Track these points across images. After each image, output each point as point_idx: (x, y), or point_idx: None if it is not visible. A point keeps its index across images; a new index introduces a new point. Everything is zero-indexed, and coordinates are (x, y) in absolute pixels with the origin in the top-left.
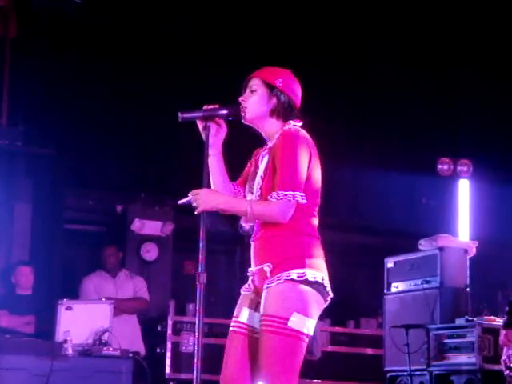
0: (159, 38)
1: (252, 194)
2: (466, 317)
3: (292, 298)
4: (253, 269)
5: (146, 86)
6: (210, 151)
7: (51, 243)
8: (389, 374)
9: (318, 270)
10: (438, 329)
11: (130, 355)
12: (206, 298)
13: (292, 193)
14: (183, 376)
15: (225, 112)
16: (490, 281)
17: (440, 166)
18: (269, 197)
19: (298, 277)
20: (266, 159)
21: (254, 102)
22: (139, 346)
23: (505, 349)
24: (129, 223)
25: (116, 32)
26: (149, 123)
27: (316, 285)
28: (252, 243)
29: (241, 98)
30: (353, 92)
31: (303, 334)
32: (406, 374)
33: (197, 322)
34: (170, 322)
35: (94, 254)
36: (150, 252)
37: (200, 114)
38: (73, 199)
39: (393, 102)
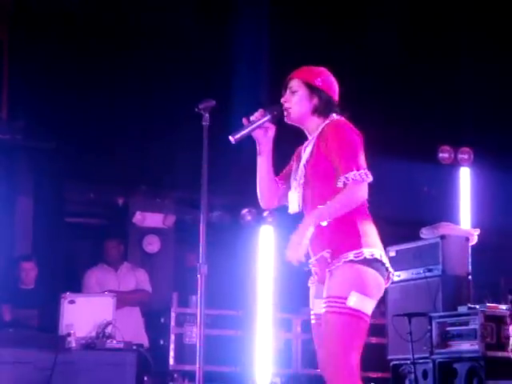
0: (161, 34)
1: (296, 181)
2: (469, 304)
3: (351, 279)
4: (312, 259)
5: (146, 80)
6: (261, 151)
7: (53, 237)
8: (392, 363)
9: (375, 247)
10: (441, 317)
11: (134, 347)
12: (209, 290)
13: (363, 171)
14: (187, 367)
15: (269, 118)
16: (492, 268)
17: (441, 155)
18: (339, 182)
19: (356, 257)
20: (308, 149)
21: (296, 103)
22: (142, 338)
23: None
24: (130, 216)
25: (116, 26)
26: (149, 116)
27: (374, 263)
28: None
29: (283, 100)
30: (351, 79)
31: (363, 313)
32: (409, 362)
33: (198, 313)
34: (173, 314)
35: (96, 247)
36: (151, 244)
37: (250, 130)
38: (74, 192)
39: (392, 89)
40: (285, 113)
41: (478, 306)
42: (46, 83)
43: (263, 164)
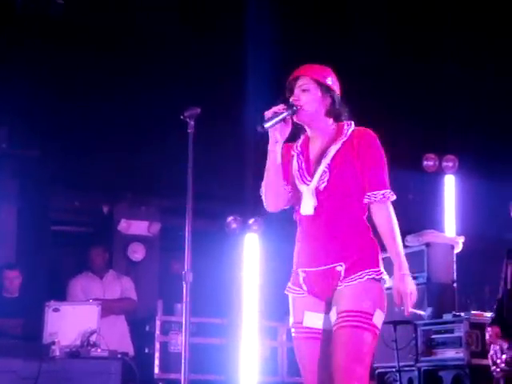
0: (145, 36)
1: (308, 185)
2: (454, 312)
3: (376, 296)
4: (310, 269)
5: (131, 86)
6: (276, 145)
7: (37, 245)
8: (377, 371)
9: (383, 268)
10: (426, 324)
11: (119, 356)
12: (194, 298)
13: (389, 191)
14: (172, 376)
15: (292, 112)
16: (476, 276)
17: (425, 162)
18: (366, 197)
19: (377, 275)
20: (332, 153)
21: (309, 102)
22: (128, 347)
23: (492, 345)
24: (115, 224)
25: (100, 32)
26: (134, 123)
27: (384, 283)
28: (306, 243)
29: (293, 98)
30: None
31: (379, 330)
32: (394, 370)
33: (183, 322)
34: (158, 323)
35: (81, 255)
36: (136, 252)
37: (278, 121)
38: (59, 200)
39: (376, 97)
40: (296, 112)
41: (462, 314)
42: (31, 90)
43: (276, 160)
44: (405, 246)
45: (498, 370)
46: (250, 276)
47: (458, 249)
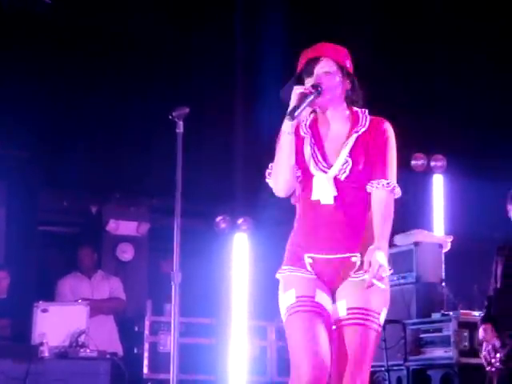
0: (133, 35)
1: (326, 172)
2: (442, 311)
3: (385, 294)
4: (321, 255)
5: (119, 87)
6: (293, 130)
7: (26, 245)
8: None
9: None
10: (415, 324)
11: (108, 356)
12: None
13: (395, 184)
14: (161, 376)
15: (316, 96)
16: (465, 275)
17: (414, 162)
18: (373, 184)
19: (387, 271)
20: (352, 141)
21: (333, 85)
22: (117, 347)
23: (484, 344)
24: (104, 224)
25: (87, 32)
26: (123, 123)
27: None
28: (318, 229)
29: (318, 80)
30: None
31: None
32: (383, 369)
33: (172, 322)
34: (147, 323)
35: (70, 256)
36: (125, 252)
37: (306, 105)
38: (47, 201)
39: (364, 97)
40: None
41: (451, 313)
42: (19, 91)
43: (291, 143)
44: (394, 246)
45: (494, 369)
46: (239, 275)
47: (447, 248)
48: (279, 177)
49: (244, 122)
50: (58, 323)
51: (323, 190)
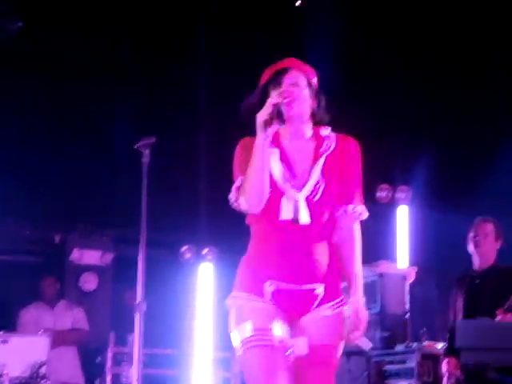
0: (100, 68)
1: (298, 191)
2: (406, 343)
3: (343, 328)
4: (285, 284)
5: (84, 114)
6: (267, 144)
7: None
8: None
9: None
10: (378, 355)
11: None
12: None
13: (363, 207)
14: None
15: (281, 102)
16: (429, 306)
17: (379, 193)
18: (341, 209)
19: (345, 304)
20: (322, 160)
21: (303, 100)
22: (78, 378)
23: (446, 375)
24: (67, 253)
25: (53, 60)
26: (87, 153)
27: None
28: (284, 255)
29: (286, 92)
30: None
31: None
32: None
33: (135, 353)
34: (109, 354)
35: (32, 285)
36: (89, 282)
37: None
38: (9, 229)
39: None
40: (284, 105)
41: (415, 345)
42: None
43: (267, 156)
44: None
45: None
46: (204, 306)
47: (411, 279)
48: (252, 191)
49: (209, 152)
50: (18, 354)
51: (296, 210)
